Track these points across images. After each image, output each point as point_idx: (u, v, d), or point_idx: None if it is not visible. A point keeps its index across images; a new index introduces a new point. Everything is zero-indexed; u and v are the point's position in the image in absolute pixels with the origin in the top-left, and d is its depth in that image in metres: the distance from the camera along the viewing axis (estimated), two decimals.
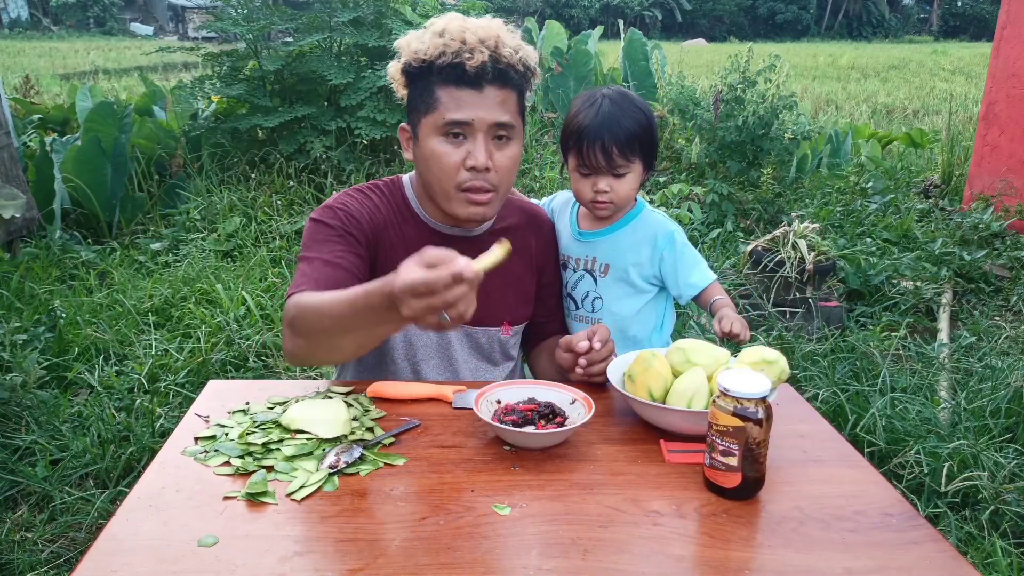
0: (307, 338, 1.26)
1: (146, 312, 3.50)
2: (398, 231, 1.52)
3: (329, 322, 1.20)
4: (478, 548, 1.00)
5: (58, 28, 35.09)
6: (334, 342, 1.23)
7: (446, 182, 1.42)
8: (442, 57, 1.38)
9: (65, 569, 2.06)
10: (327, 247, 1.43)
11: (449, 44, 1.38)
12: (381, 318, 1.12)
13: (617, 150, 1.57)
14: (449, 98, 1.39)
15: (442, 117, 1.39)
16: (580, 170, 1.63)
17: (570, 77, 7.16)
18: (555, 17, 18.48)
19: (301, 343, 1.28)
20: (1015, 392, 2.68)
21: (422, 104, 1.42)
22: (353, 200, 1.51)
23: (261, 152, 5.25)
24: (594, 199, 1.63)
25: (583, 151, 1.59)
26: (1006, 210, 4.81)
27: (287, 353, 1.33)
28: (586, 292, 1.72)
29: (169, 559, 0.96)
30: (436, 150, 1.41)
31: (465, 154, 1.40)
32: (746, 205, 4.99)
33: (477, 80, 1.38)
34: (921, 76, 16.84)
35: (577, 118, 1.61)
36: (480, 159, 1.39)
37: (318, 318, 1.22)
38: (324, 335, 1.23)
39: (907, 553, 1.01)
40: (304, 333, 1.27)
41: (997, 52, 5.09)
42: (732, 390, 1.09)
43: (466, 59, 1.37)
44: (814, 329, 3.45)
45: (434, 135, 1.41)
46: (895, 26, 46.49)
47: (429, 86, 1.41)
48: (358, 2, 5.34)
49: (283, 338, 1.33)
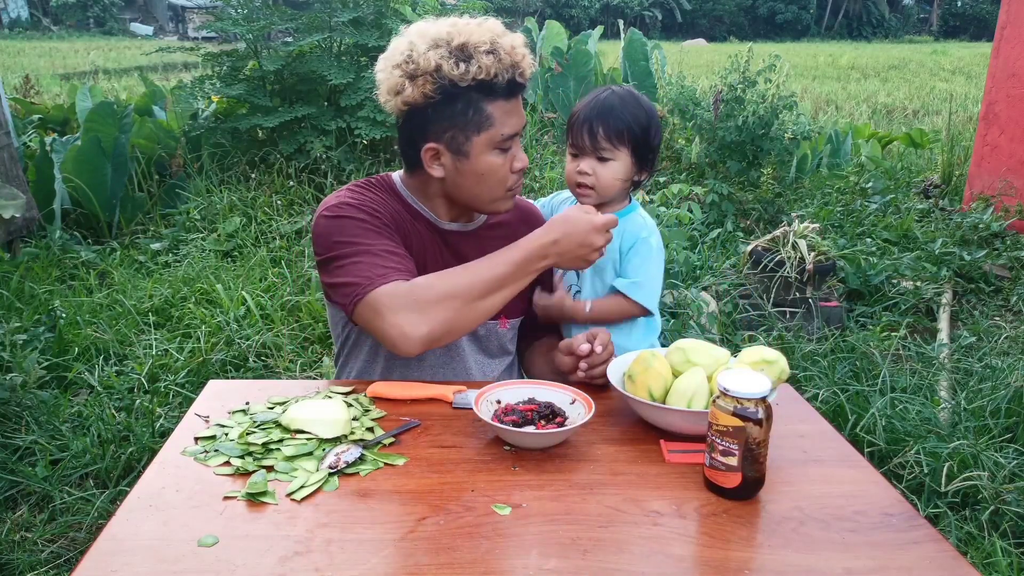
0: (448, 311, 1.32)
1: (146, 312, 3.49)
2: (410, 224, 1.54)
3: (480, 288, 1.35)
4: (478, 548, 1.00)
5: (58, 28, 35.08)
6: (475, 309, 1.35)
7: (499, 189, 1.48)
8: (498, 76, 1.38)
9: (65, 569, 2.06)
10: (375, 238, 1.42)
11: (503, 60, 1.38)
12: (529, 269, 1.39)
13: (603, 132, 1.61)
14: (501, 113, 1.42)
15: (499, 133, 1.42)
16: (570, 151, 1.68)
17: (570, 77, 7.16)
18: (555, 17, 18.49)
19: (439, 318, 1.32)
20: (1015, 392, 2.67)
21: (470, 123, 1.41)
22: (363, 196, 1.51)
23: (261, 152, 5.25)
24: (578, 181, 1.66)
25: (573, 131, 1.65)
26: (1006, 210, 4.81)
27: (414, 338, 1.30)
28: (569, 286, 1.74)
29: (169, 559, 0.96)
30: (492, 163, 1.45)
31: (510, 160, 1.46)
32: (746, 205, 4.99)
33: (517, 91, 1.44)
34: (921, 76, 16.84)
35: (580, 106, 1.67)
36: (526, 161, 1.49)
37: (464, 288, 1.34)
38: (469, 303, 1.34)
39: (907, 553, 1.01)
40: (441, 306, 1.32)
41: (997, 52, 5.09)
42: (732, 390, 1.09)
43: (518, 75, 1.41)
44: (814, 329, 3.45)
45: (489, 151, 1.44)
46: (895, 26, 46.49)
47: (473, 103, 1.40)
48: (358, 2, 5.34)
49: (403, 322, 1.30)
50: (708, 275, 3.88)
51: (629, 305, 1.66)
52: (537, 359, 1.72)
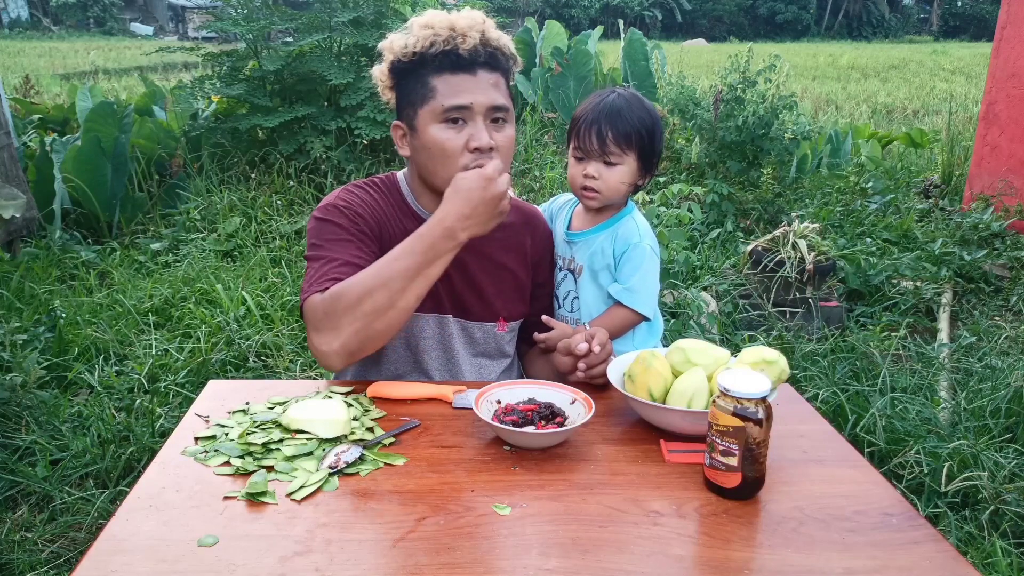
0: (357, 320, 1.29)
1: (146, 312, 3.50)
2: (399, 225, 1.52)
3: (385, 290, 1.28)
4: (478, 548, 1.00)
5: (58, 28, 35.06)
6: (392, 309, 1.29)
7: (451, 167, 1.41)
8: (434, 46, 1.40)
9: (65, 569, 2.06)
10: (341, 247, 1.43)
11: (439, 32, 1.40)
12: (440, 251, 1.31)
13: (612, 136, 1.60)
14: (445, 85, 1.41)
15: (440, 104, 1.40)
16: (575, 154, 1.66)
17: (570, 77, 7.16)
18: (555, 17, 18.47)
19: (349, 331, 1.29)
20: (1015, 392, 2.67)
21: (417, 97, 1.44)
22: (356, 197, 1.52)
23: (261, 152, 5.25)
24: (584, 184, 1.65)
25: (580, 134, 1.63)
26: (1006, 210, 4.81)
27: (329, 354, 1.32)
28: (567, 291, 1.74)
29: (169, 559, 0.96)
30: (437, 137, 1.41)
31: (467, 138, 1.41)
32: (746, 205, 4.99)
33: (471, 64, 1.41)
34: (921, 76, 16.84)
35: (584, 108, 1.65)
36: (484, 139, 1.40)
37: (371, 291, 1.28)
38: (379, 307, 1.29)
39: (907, 553, 1.01)
40: (350, 316, 1.29)
41: (997, 52, 5.09)
42: (732, 390, 1.09)
43: (459, 43, 1.39)
44: (814, 329, 3.45)
45: (433, 123, 1.42)
46: (895, 26, 46.47)
47: (422, 78, 1.43)
48: (358, 2, 5.34)
49: (317, 342, 1.32)
50: (708, 275, 3.88)
51: (626, 313, 1.65)
52: (537, 360, 1.71)
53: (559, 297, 1.76)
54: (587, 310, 1.71)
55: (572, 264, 1.73)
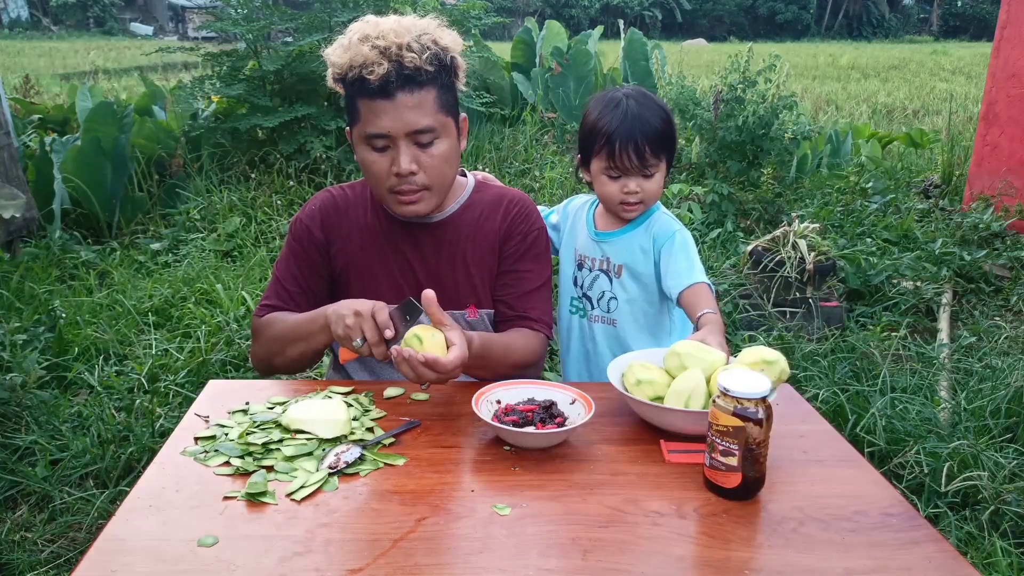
0: (265, 347, 1.57)
1: (146, 312, 3.49)
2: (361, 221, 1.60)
3: (280, 341, 1.52)
4: (478, 548, 1.00)
5: (58, 28, 35.06)
6: (285, 351, 1.53)
7: (379, 187, 1.49)
8: (350, 71, 1.40)
9: (65, 569, 2.06)
10: (285, 266, 1.62)
11: (355, 59, 1.39)
12: (317, 333, 1.45)
13: (649, 150, 1.59)
14: (367, 110, 1.42)
15: (363, 130, 1.44)
16: (609, 172, 1.64)
17: (570, 77, 7.16)
18: (555, 17, 18.45)
19: (261, 351, 1.59)
20: (1015, 392, 2.67)
21: (351, 115, 1.47)
22: (315, 207, 1.61)
23: (261, 152, 5.25)
24: (624, 200, 1.64)
25: (615, 153, 1.59)
26: (1006, 210, 4.81)
27: (254, 363, 1.63)
28: (602, 292, 1.73)
29: (169, 559, 0.96)
30: (366, 159, 1.47)
31: (391, 160, 1.44)
32: (746, 205, 4.98)
33: (385, 90, 1.39)
34: (921, 76, 16.83)
35: (602, 120, 1.61)
36: (403, 166, 1.43)
37: (275, 336, 1.54)
38: (278, 347, 1.54)
39: (907, 553, 1.01)
40: (264, 344, 1.57)
41: (997, 52, 5.09)
42: (732, 390, 1.09)
43: (367, 74, 1.38)
44: (814, 329, 3.44)
45: (361, 144, 1.47)
46: (895, 26, 46.47)
47: (351, 97, 1.45)
48: (358, 2, 5.34)
49: (251, 350, 1.64)
50: (708, 275, 3.87)
51: (701, 287, 1.61)
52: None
53: (592, 298, 1.75)
54: (627, 308, 1.71)
55: (607, 264, 1.72)
